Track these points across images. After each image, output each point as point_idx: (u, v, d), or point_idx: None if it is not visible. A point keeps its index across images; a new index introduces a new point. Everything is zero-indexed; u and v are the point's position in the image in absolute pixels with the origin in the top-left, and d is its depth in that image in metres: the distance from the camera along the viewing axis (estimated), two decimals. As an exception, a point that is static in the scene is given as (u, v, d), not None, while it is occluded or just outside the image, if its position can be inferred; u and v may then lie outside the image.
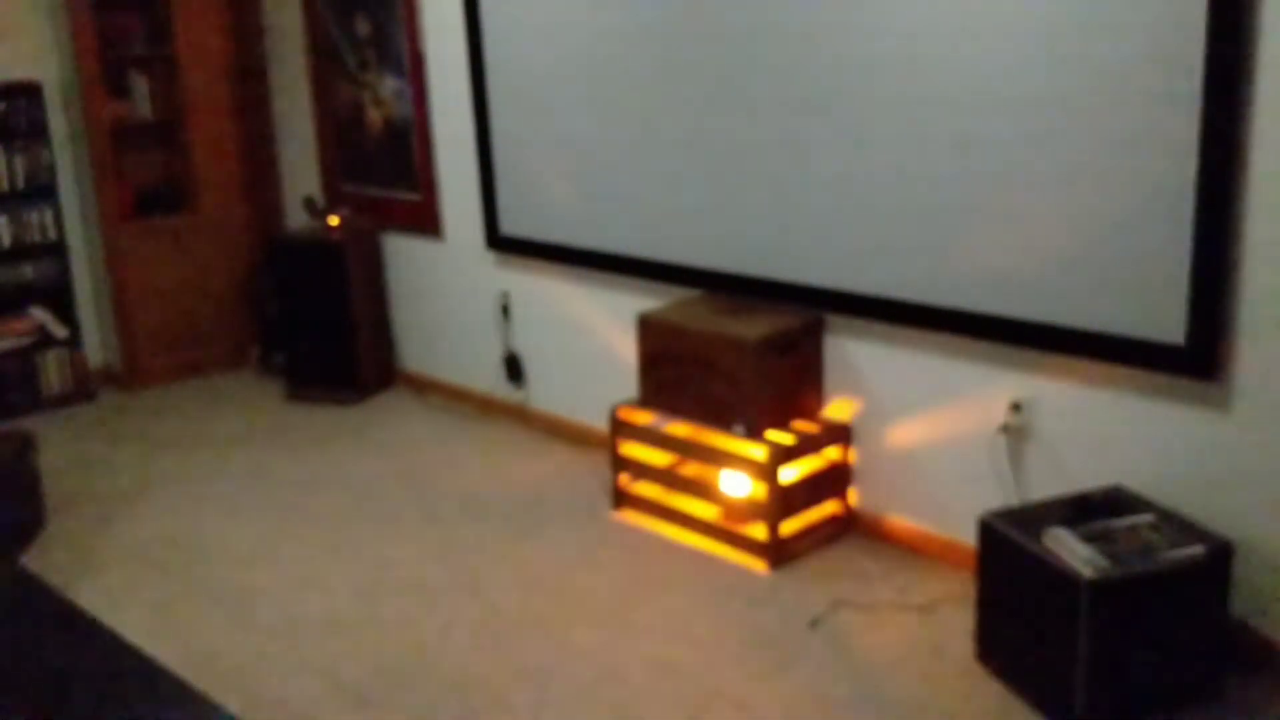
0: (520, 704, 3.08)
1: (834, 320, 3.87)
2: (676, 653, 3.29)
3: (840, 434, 3.89)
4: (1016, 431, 3.45)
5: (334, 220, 5.44)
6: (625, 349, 4.51)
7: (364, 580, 3.80)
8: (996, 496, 3.49)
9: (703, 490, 3.95)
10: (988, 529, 3.08)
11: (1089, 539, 2.83)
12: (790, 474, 3.76)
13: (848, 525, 3.96)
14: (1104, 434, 3.27)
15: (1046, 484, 3.38)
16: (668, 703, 3.05)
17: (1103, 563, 2.73)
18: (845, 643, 3.30)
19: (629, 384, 4.36)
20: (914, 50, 3.41)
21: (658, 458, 4.12)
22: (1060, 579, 2.79)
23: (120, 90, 5.71)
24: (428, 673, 3.25)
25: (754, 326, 3.80)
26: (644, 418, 4.11)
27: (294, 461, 4.83)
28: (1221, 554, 2.85)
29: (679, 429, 4.05)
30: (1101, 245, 3.12)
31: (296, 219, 5.92)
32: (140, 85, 5.73)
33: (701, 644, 3.33)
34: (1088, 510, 3.01)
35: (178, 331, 5.93)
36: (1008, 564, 3.01)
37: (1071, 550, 2.79)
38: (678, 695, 3.09)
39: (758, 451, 3.72)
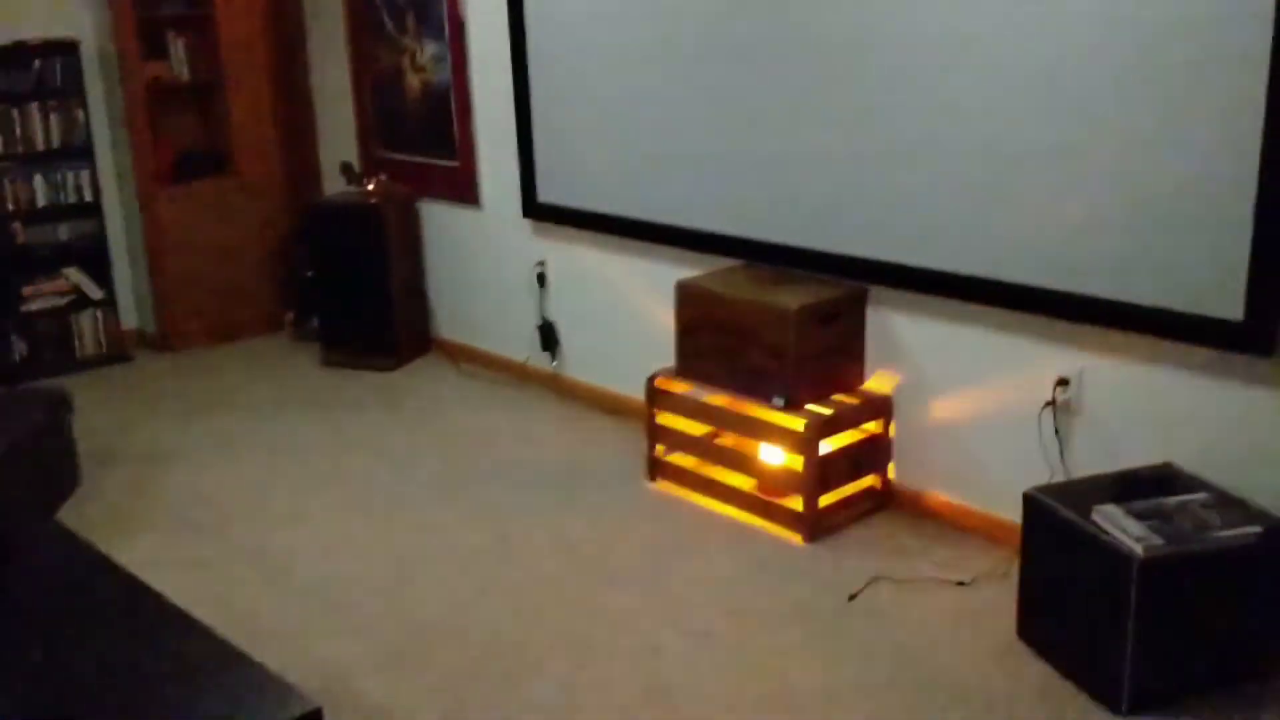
0: (555, 670, 3.06)
1: (877, 292, 3.81)
2: (713, 623, 3.26)
3: (881, 407, 3.84)
4: (1063, 408, 3.39)
5: (371, 186, 5.42)
6: (662, 319, 4.47)
7: (398, 544, 3.78)
8: (1041, 473, 3.43)
9: (739, 461, 3.91)
10: (1033, 504, 3.03)
11: (1140, 516, 2.77)
12: (829, 446, 3.71)
13: (886, 500, 3.91)
14: (1154, 412, 3.21)
15: (1093, 462, 3.32)
16: (705, 674, 3.03)
17: (1156, 541, 2.67)
18: (884, 617, 3.26)
19: (665, 355, 4.31)
20: (963, 18, 3.33)
21: (694, 428, 4.08)
22: (1110, 557, 2.74)
23: (158, 50, 5.69)
24: (463, 636, 3.23)
25: (795, 296, 3.74)
26: (681, 387, 4.07)
27: (328, 426, 4.82)
28: (1277, 535, 2.78)
29: (716, 399, 4.01)
30: (1157, 217, 3.05)
31: (334, 184, 5.89)
32: (178, 46, 5.71)
33: (738, 615, 3.30)
34: (1137, 487, 2.95)
35: (213, 295, 5.92)
36: (1054, 540, 2.96)
37: (1123, 527, 2.74)
38: (715, 666, 3.06)
39: (796, 424, 3.67)
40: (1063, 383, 3.37)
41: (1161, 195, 3.03)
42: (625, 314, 4.69)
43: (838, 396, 3.83)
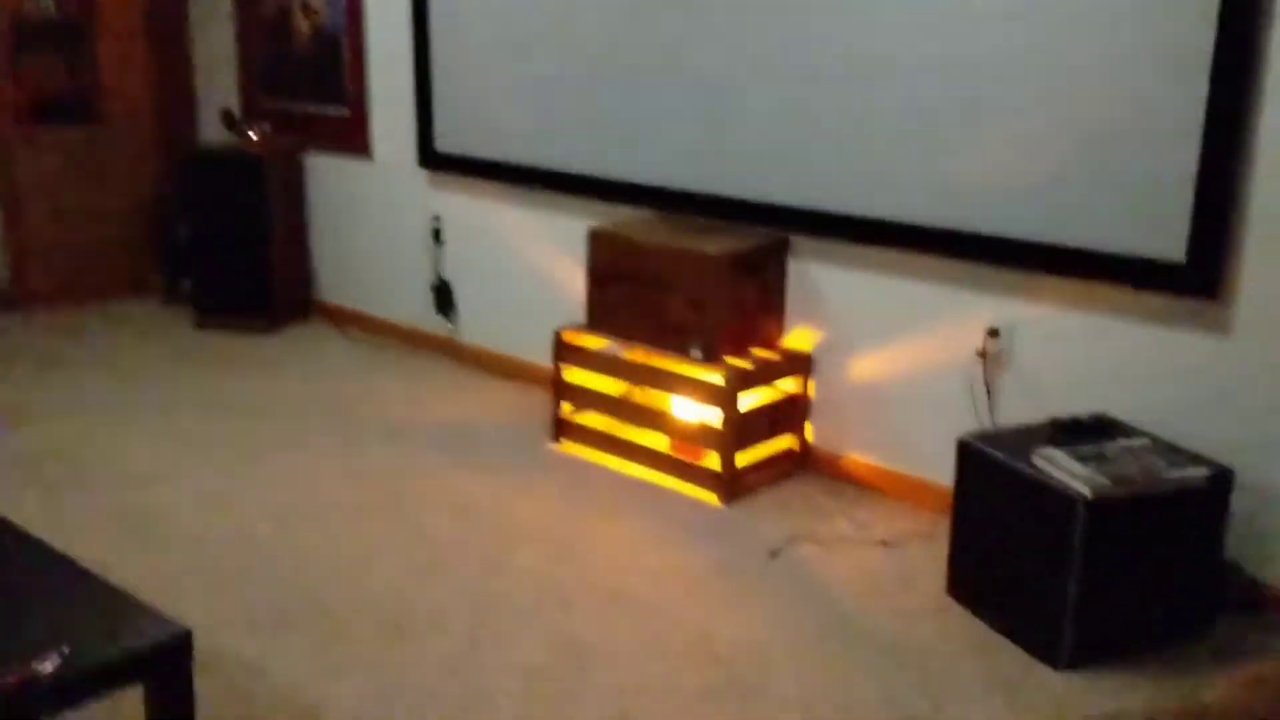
0: (456, 627, 2.78)
1: (799, 242, 3.62)
2: (627, 581, 3.01)
3: (800, 364, 3.65)
4: (994, 360, 3.25)
5: (253, 135, 5.05)
6: (569, 277, 4.22)
7: (278, 503, 3.45)
8: (967, 429, 3.27)
9: (651, 419, 3.67)
10: (968, 451, 2.86)
11: (1083, 460, 2.62)
12: (747, 403, 3.51)
13: (802, 462, 3.72)
14: (1089, 361, 3.08)
15: (1025, 415, 3.16)
16: (620, 631, 2.78)
17: (1102, 481, 2.53)
18: (808, 575, 3.06)
19: (569, 315, 4.07)
20: (904, -55, 3.18)
21: (603, 385, 3.83)
22: (1054, 500, 2.58)
23: (20, -17, 5.22)
24: (352, 596, 2.92)
25: (717, 244, 3.54)
26: (590, 341, 3.83)
27: (200, 386, 4.44)
28: (1223, 481, 2.67)
29: (629, 354, 3.77)
30: (1094, 155, 2.93)
31: (213, 133, 5.49)
32: (43, -21, 5.26)
33: (654, 573, 3.06)
34: (1076, 432, 2.81)
35: (75, 251, 5.46)
36: (990, 488, 2.79)
37: (1067, 469, 2.59)
38: (631, 623, 2.81)
39: (715, 376, 3.46)
40: (993, 333, 3.23)
41: (1098, 130, 2.91)
42: (529, 272, 4.42)
43: (757, 351, 3.63)
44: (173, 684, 1.80)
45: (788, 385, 3.66)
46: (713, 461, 3.51)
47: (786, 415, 3.66)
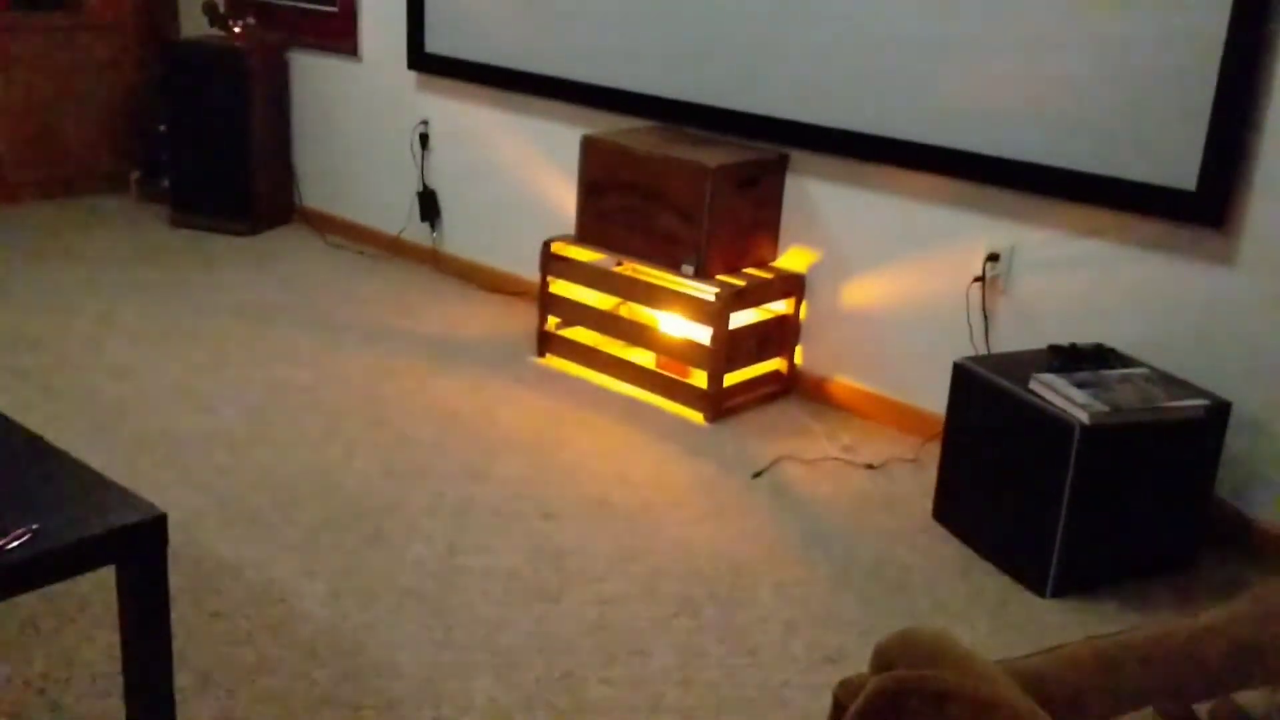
0: (435, 532, 2.72)
1: (797, 158, 3.54)
2: (609, 493, 2.96)
3: (793, 286, 3.58)
4: (991, 285, 3.19)
5: (236, 29, 4.88)
6: (557, 188, 4.12)
7: (252, 400, 3.37)
8: (956, 355, 3.22)
9: (639, 335, 3.60)
10: (963, 373, 2.81)
11: (1082, 385, 2.58)
12: (738, 322, 3.44)
13: (790, 385, 3.67)
14: (1089, 289, 3.03)
15: (1020, 342, 3.12)
16: (600, 538, 2.73)
17: (1101, 408, 2.48)
18: (791, 495, 3.02)
19: (558, 228, 3.97)
20: None
21: (591, 299, 3.75)
22: (1051, 425, 2.54)
23: None
24: (329, 494, 2.86)
25: (713, 156, 3.44)
26: (580, 254, 3.74)
27: (176, 282, 4.33)
28: (1221, 413, 2.63)
29: (617, 268, 3.69)
30: (1110, 78, 2.84)
31: (194, 26, 5.31)
32: None
33: (636, 485, 3.01)
34: (1075, 359, 2.76)
35: (51, 145, 5.29)
36: (985, 411, 2.75)
37: (1064, 394, 2.54)
38: (611, 533, 2.76)
39: (707, 293, 3.38)
40: (993, 258, 3.17)
41: (1113, 52, 2.82)
42: (518, 182, 4.32)
43: (750, 270, 3.55)
44: (146, 567, 1.73)
45: (779, 306, 3.59)
46: (699, 379, 3.45)
47: (776, 337, 3.60)
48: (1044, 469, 2.56)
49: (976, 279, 3.19)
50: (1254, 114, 2.68)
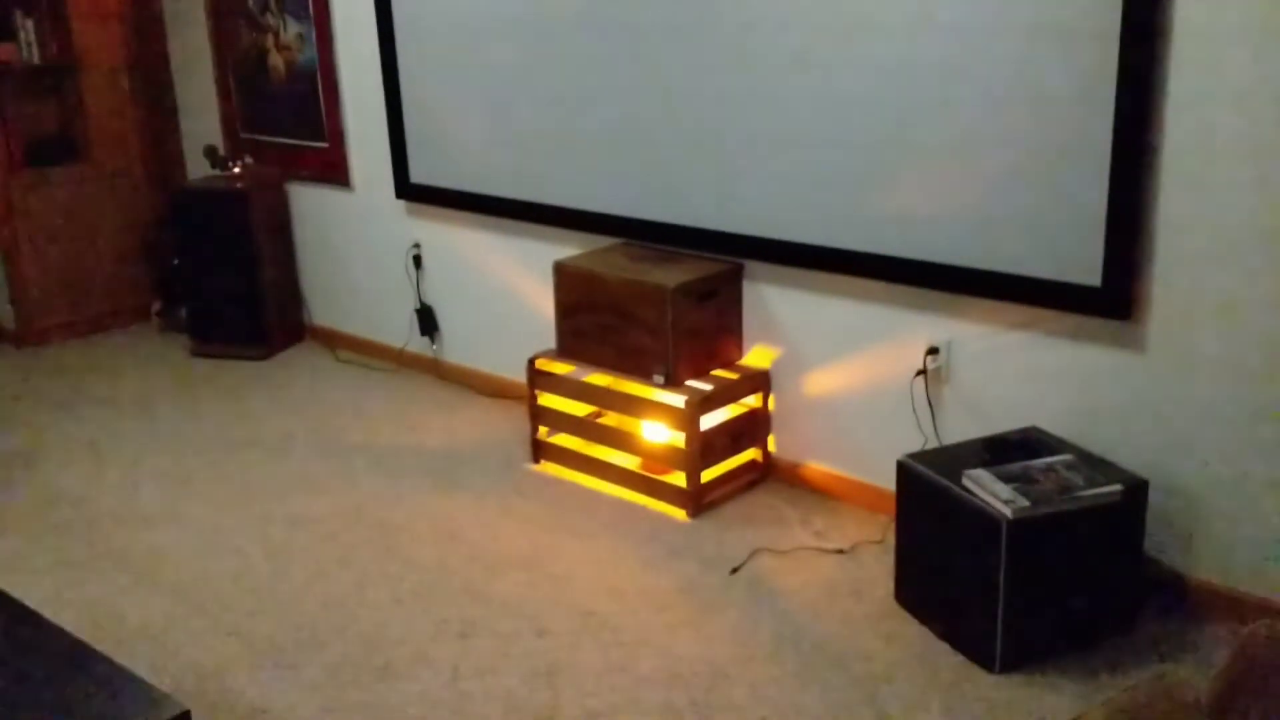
0: (441, 659, 3.02)
1: (753, 267, 3.83)
2: (599, 603, 3.25)
3: (759, 381, 3.87)
4: (934, 376, 3.46)
5: (237, 169, 5.26)
6: (541, 300, 4.43)
7: (275, 539, 3.69)
8: (914, 440, 3.50)
9: (622, 440, 3.90)
10: (906, 471, 3.08)
11: (1008, 479, 2.85)
12: (710, 421, 3.73)
13: (766, 472, 3.95)
14: (1021, 376, 3.29)
15: (964, 427, 3.40)
16: (592, 653, 3.02)
17: (1023, 503, 2.75)
18: (766, 587, 3.30)
19: (546, 336, 4.28)
20: (829, 6, 3.37)
21: (576, 408, 4.06)
22: (981, 519, 2.81)
23: (5, 32, 5.41)
24: (344, 630, 3.17)
25: (672, 274, 3.75)
26: (562, 368, 4.05)
27: (199, 418, 4.68)
28: (1138, 491, 2.89)
29: (598, 379, 3.99)
30: (1019, 188, 3.12)
31: (198, 169, 5.70)
32: (26, 27, 5.44)
33: (623, 594, 3.30)
34: (1005, 451, 3.03)
35: (74, 288, 5.69)
36: (927, 505, 3.02)
37: (991, 491, 2.81)
38: (601, 646, 3.05)
39: (677, 400, 3.68)
40: (933, 351, 3.44)
41: (1023, 167, 3.10)
42: (505, 295, 4.64)
43: (717, 372, 3.85)
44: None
45: (750, 400, 3.88)
46: (679, 479, 3.74)
47: (749, 429, 3.89)
48: (980, 557, 2.83)
49: (919, 372, 3.46)
50: (1145, 215, 2.94)
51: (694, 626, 3.13)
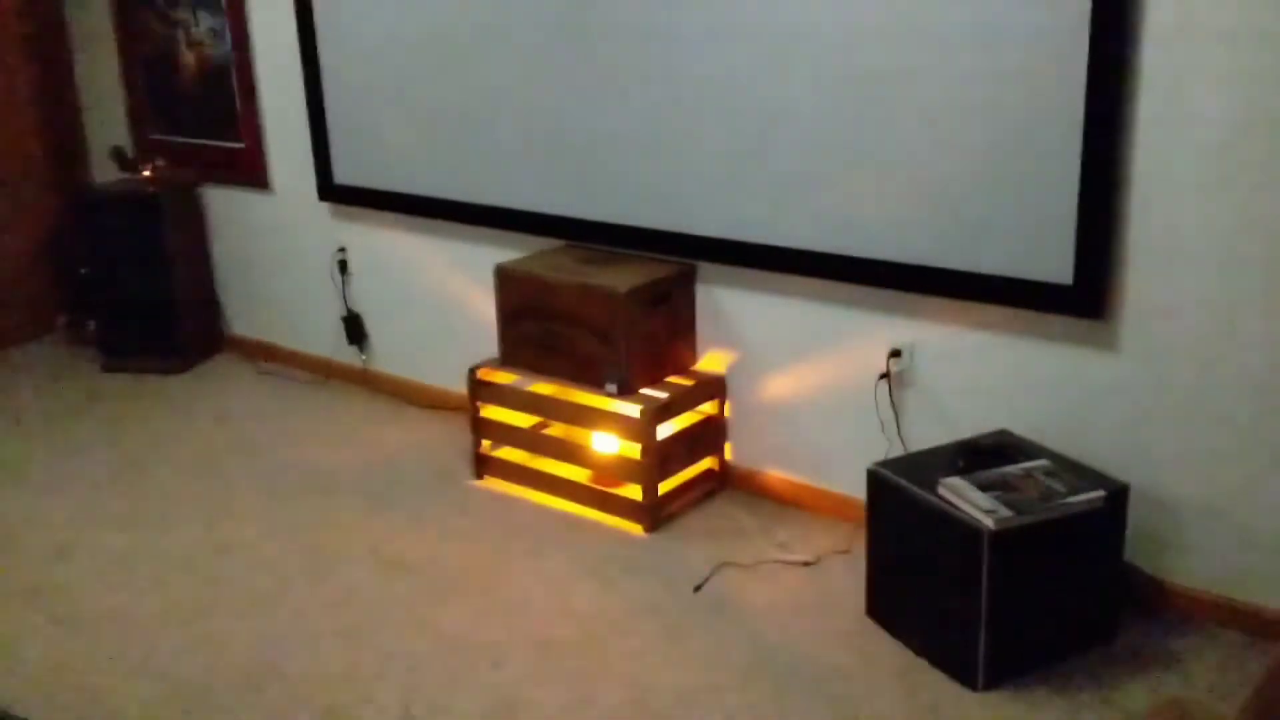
0: (389, 698, 2.80)
1: (705, 268, 3.67)
2: (557, 629, 3.06)
3: (715, 387, 3.71)
4: (897, 379, 3.34)
5: (147, 172, 4.95)
6: (480, 304, 4.23)
7: (199, 567, 3.43)
8: (877, 445, 3.37)
9: (571, 452, 3.71)
10: (877, 480, 2.95)
11: (985, 487, 2.72)
12: (666, 431, 3.56)
13: (723, 481, 3.80)
14: (988, 378, 3.18)
15: (930, 432, 3.27)
16: (554, 686, 2.83)
17: (1005, 513, 2.63)
18: (732, 605, 3.14)
19: (483, 342, 4.08)
20: (787, -21, 3.21)
21: (523, 420, 3.86)
22: (960, 531, 2.68)
23: (-113, 27, 5.04)
24: (282, 669, 2.93)
25: (623, 277, 3.57)
26: (506, 377, 3.85)
27: (112, 437, 4.37)
28: (1120, 497, 2.79)
29: (544, 388, 3.80)
30: (984, 184, 3.01)
31: (105, 172, 5.37)
32: (-89, 22, 5.08)
33: (583, 618, 3.11)
34: (978, 456, 2.90)
35: (-30, 299, 5.33)
36: (900, 516, 2.89)
37: (970, 500, 2.68)
38: (563, 676, 2.86)
39: (632, 410, 3.50)
40: (895, 354, 3.31)
41: (989, 162, 2.98)
42: (439, 301, 4.42)
43: (671, 379, 3.68)
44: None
45: (705, 407, 3.72)
46: (634, 492, 3.57)
47: (705, 437, 3.73)
48: (959, 570, 2.70)
49: (882, 375, 3.33)
50: (1117, 211, 2.84)
51: (660, 652, 2.96)
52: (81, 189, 5.30)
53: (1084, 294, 2.92)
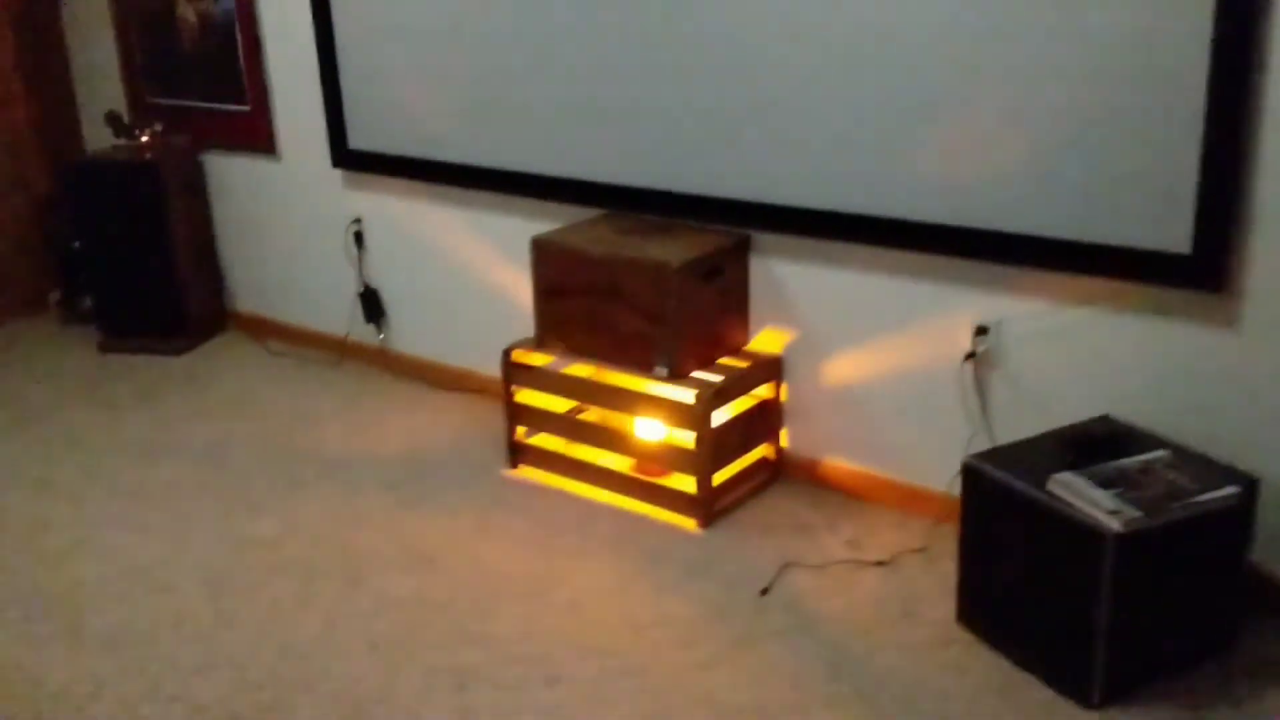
0: (432, 719, 2.52)
1: (761, 239, 3.36)
2: (616, 639, 2.77)
3: (772, 369, 3.41)
4: (983, 359, 3.03)
5: (144, 138, 4.61)
6: (506, 280, 3.91)
7: (217, 570, 3.13)
8: (957, 433, 3.08)
9: (613, 440, 3.41)
10: (975, 475, 2.65)
11: (1104, 483, 2.43)
12: (720, 418, 3.26)
13: (778, 471, 3.50)
14: (1088, 359, 2.88)
15: (1020, 418, 2.98)
16: (618, 705, 2.54)
17: (1133, 513, 2.33)
18: (804, 611, 2.85)
19: (512, 321, 3.77)
20: (862, -85, 2.88)
21: (561, 405, 3.56)
22: (1079, 533, 2.38)
23: None
24: (313, 687, 2.64)
25: (673, 249, 3.25)
26: (542, 359, 3.53)
27: (116, 425, 4.06)
28: (1250, 492, 2.49)
29: (582, 370, 3.49)
30: (1090, 142, 2.69)
31: (99, 138, 5.02)
32: (-113, -23, 4.72)
33: (641, 626, 2.82)
34: (1088, 447, 2.61)
35: (-43, 276, 4.99)
36: (1002, 515, 2.59)
37: (1090, 499, 2.39)
38: (626, 695, 2.57)
39: (685, 395, 3.20)
40: (981, 331, 3.01)
41: (1091, 112, 2.67)
42: (462, 276, 4.10)
43: (724, 360, 3.37)
44: None
45: (759, 390, 3.42)
46: (684, 483, 3.27)
47: (760, 423, 3.43)
48: (1075, 576, 2.41)
49: (967, 355, 3.03)
50: (1244, 174, 2.54)
51: (731, 663, 2.66)
52: (74, 158, 4.96)
53: (1203, 265, 2.61)
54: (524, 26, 3.58)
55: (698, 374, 3.27)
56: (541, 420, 3.56)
